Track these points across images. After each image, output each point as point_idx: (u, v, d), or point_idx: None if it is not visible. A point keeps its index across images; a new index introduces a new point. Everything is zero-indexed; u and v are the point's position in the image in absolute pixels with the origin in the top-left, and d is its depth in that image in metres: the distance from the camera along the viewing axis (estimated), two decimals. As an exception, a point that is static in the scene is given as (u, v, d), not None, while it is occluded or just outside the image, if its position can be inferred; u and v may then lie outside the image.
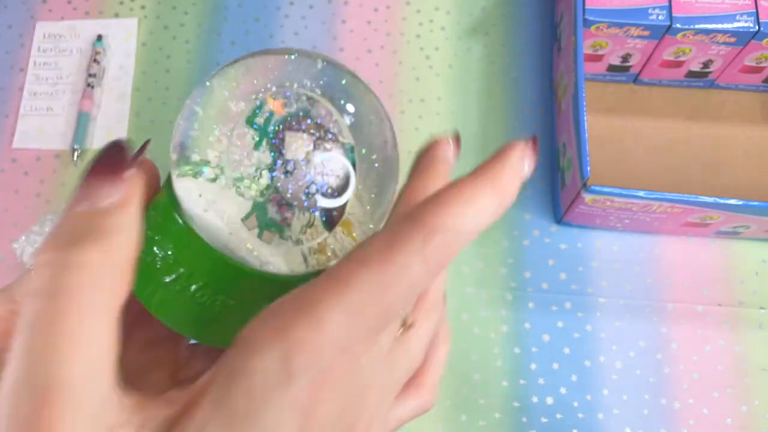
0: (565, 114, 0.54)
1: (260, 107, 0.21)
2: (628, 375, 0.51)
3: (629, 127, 0.58)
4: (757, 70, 0.56)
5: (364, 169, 0.21)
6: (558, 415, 0.50)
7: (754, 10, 0.52)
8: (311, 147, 0.21)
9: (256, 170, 0.20)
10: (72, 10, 0.62)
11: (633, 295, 0.54)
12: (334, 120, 0.21)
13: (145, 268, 0.20)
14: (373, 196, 0.22)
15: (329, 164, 0.21)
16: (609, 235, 0.55)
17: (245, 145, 0.21)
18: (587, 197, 0.49)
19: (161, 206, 0.21)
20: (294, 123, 0.21)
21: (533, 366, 0.52)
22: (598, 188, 0.48)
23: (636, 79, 0.59)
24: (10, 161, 0.57)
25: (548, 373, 0.51)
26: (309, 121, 0.21)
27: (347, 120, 0.22)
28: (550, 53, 0.61)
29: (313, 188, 0.21)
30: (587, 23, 0.52)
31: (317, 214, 0.21)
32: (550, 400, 0.51)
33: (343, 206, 0.21)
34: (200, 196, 0.21)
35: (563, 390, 0.51)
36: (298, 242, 0.21)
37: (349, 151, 0.21)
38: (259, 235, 0.21)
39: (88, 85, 0.59)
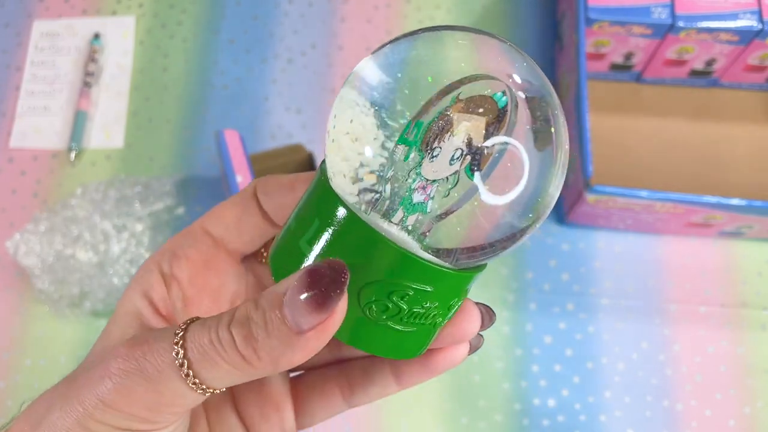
0: (567, 113, 0.54)
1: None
2: (630, 377, 0.51)
3: (632, 127, 0.57)
4: (760, 69, 0.56)
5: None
6: (560, 418, 0.50)
7: (758, 9, 0.52)
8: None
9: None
10: (69, 9, 0.62)
11: (635, 296, 0.53)
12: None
13: None
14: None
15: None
16: (611, 236, 0.55)
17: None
18: (590, 197, 0.49)
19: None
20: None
21: (535, 368, 0.51)
22: (600, 188, 0.48)
23: (639, 78, 0.58)
24: (6, 161, 0.57)
25: (550, 374, 0.51)
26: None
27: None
28: (551, 52, 0.60)
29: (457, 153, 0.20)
30: (589, 21, 0.52)
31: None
32: (551, 402, 0.50)
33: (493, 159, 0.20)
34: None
35: (565, 392, 0.51)
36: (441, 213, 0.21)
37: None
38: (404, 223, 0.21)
39: (86, 83, 0.58)
